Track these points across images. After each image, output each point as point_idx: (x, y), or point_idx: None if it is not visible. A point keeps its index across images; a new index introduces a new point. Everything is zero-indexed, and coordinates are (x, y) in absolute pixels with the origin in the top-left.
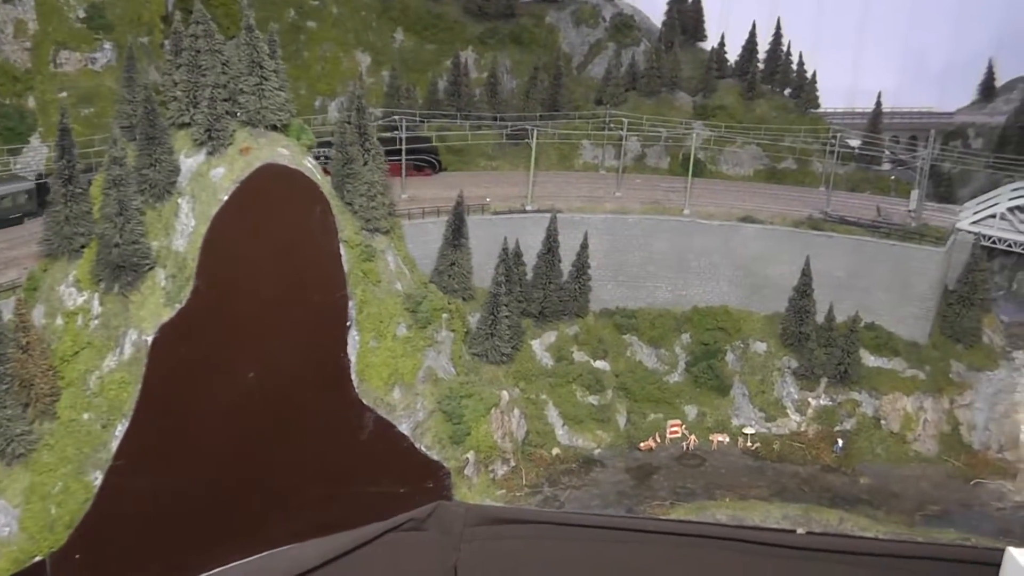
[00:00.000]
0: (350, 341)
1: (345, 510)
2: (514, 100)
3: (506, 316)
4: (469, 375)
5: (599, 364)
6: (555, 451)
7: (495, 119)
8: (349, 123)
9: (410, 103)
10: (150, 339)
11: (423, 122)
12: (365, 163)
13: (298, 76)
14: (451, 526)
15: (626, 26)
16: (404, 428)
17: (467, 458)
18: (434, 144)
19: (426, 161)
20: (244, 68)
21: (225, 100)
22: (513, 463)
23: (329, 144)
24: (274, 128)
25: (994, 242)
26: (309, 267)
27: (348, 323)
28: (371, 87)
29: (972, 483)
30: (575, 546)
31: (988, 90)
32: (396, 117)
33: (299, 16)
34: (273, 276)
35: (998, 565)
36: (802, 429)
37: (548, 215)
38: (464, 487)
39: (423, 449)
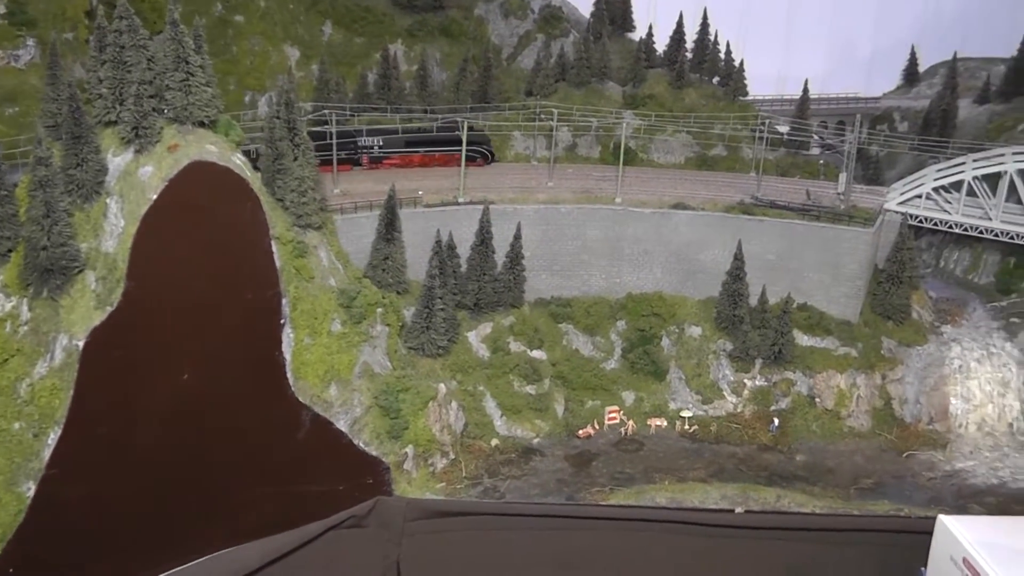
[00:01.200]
0: (284, 339)
1: (285, 510)
2: (444, 92)
3: (441, 309)
4: (405, 369)
5: (535, 354)
6: (494, 442)
7: (425, 112)
8: (278, 118)
9: (340, 97)
10: (81, 344)
11: (353, 116)
12: (295, 158)
13: (227, 71)
14: (392, 521)
15: (554, 17)
16: (342, 425)
17: (406, 452)
18: (486, 134)
19: (479, 152)
20: (170, 64)
21: (151, 97)
22: (452, 455)
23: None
24: (202, 124)
25: (921, 221)
26: (241, 265)
27: (282, 321)
28: (301, 81)
29: (904, 455)
30: (516, 536)
31: (912, 75)
32: (326, 111)
33: (226, 10)
34: (205, 275)
35: (930, 533)
36: (738, 410)
37: (480, 207)
38: (404, 482)
39: (361, 445)
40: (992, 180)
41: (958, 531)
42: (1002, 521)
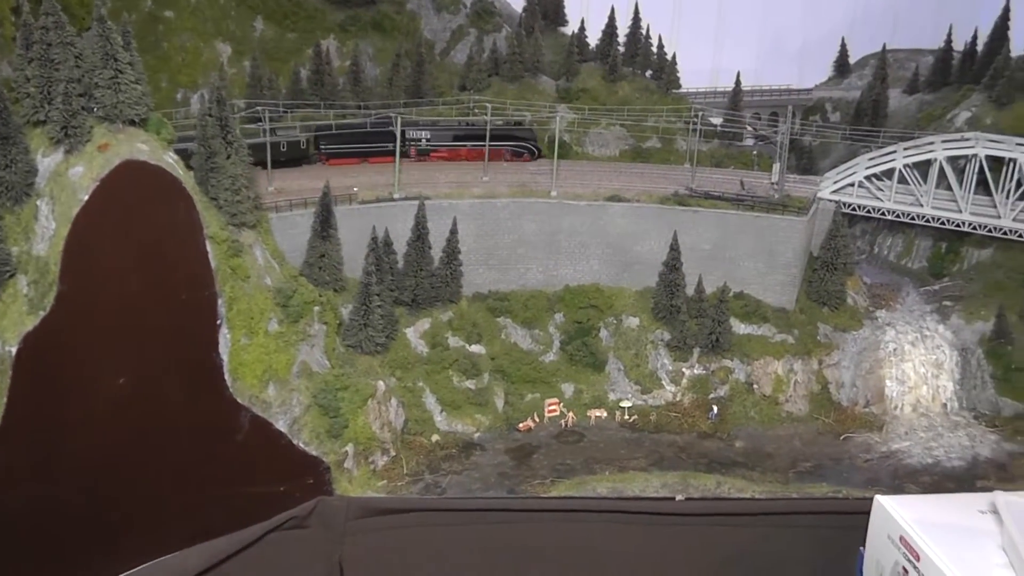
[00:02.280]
0: (221, 340)
1: (226, 513)
2: (378, 88)
3: (378, 306)
4: (344, 367)
5: (474, 348)
6: (434, 438)
7: (359, 107)
8: (210, 116)
9: (273, 93)
10: (14, 350)
11: (287, 112)
12: (228, 156)
13: (158, 68)
14: (333, 521)
15: (487, 12)
16: (281, 425)
17: (346, 451)
18: (532, 130)
19: (525, 148)
20: (98, 61)
21: (80, 95)
22: (393, 453)
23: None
24: (133, 123)
25: (854, 209)
26: (176, 266)
27: (218, 321)
28: (233, 78)
29: (842, 438)
30: (459, 531)
31: (842, 67)
32: (259, 108)
33: (156, 6)
34: (139, 277)
35: (868, 513)
36: (677, 399)
37: (416, 202)
38: (345, 480)
39: (301, 445)
40: (923, 168)
41: (894, 511)
42: (937, 499)
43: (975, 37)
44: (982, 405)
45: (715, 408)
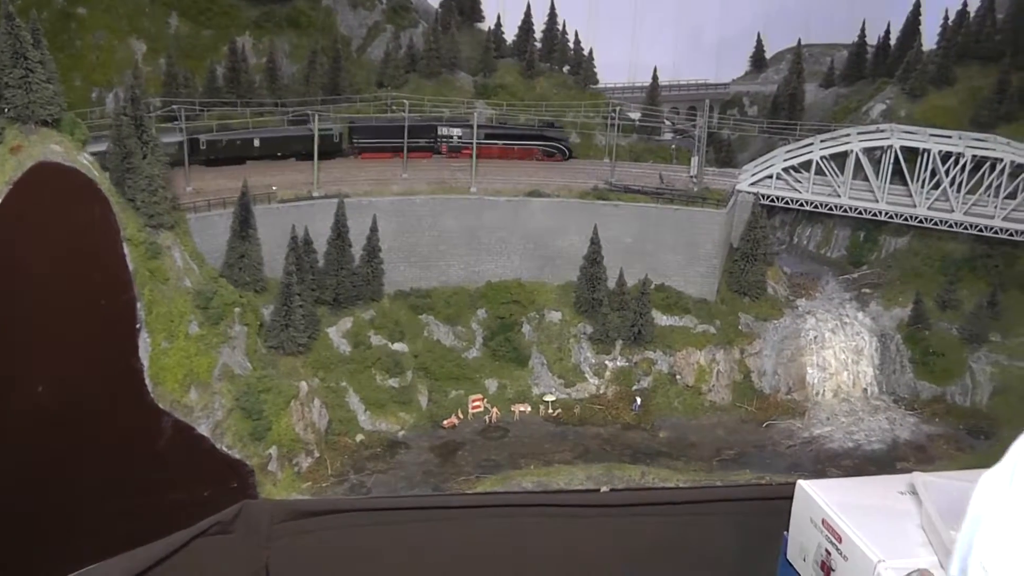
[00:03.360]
0: (141, 344)
1: (150, 520)
2: (294, 85)
3: (300, 305)
4: (266, 369)
5: (397, 346)
6: (359, 437)
7: (276, 105)
8: (126, 115)
9: (189, 91)
10: None
11: (203, 111)
12: (144, 156)
13: (71, 67)
14: (258, 525)
15: (403, 8)
16: (203, 429)
17: (270, 454)
18: (564, 130)
19: (557, 148)
20: (7, 60)
21: None
22: (317, 454)
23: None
24: (45, 124)
25: (773, 201)
26: (93, 270)
27: (137, 326)
28: (149, 76)
29: (764, 425)
30: (384, 530)
31: (759, 61)
32: (175, 107)
33: (68, 3)
34: (56, 282)
35: (791, 498)
36: (601, 391)
37: (336, 200)
38: (269, 484)
39: (224, 449)
40: (840, 159)
41: (816, 494)
42: (857, 482)
43: (888, 32)
44: (901, 389)
45: (638, 399)
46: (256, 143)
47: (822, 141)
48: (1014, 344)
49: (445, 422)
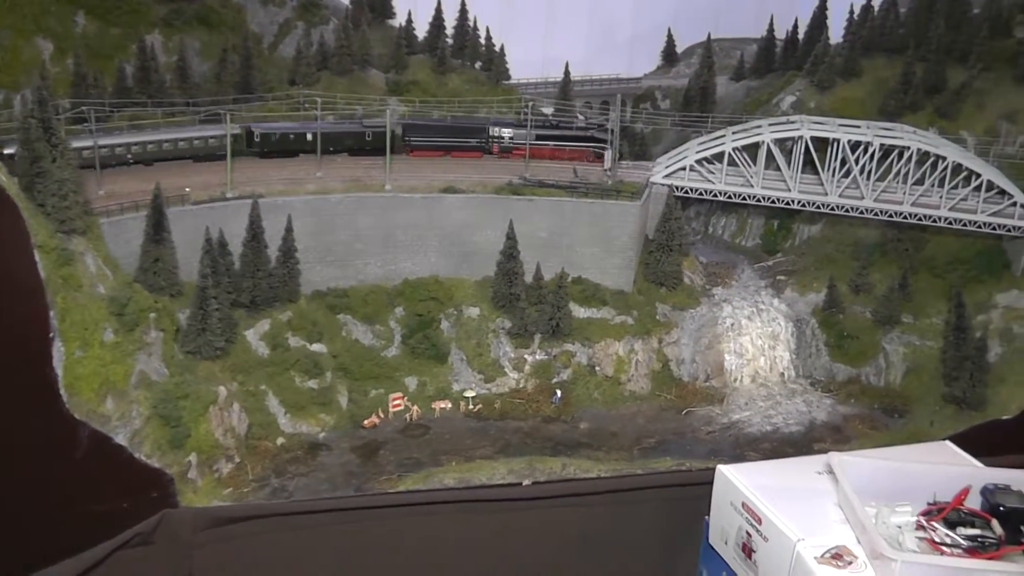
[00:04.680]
0: (55, 354)
1: (69, 534)
2: (206, 84)
3: (216, 309)
4: (184, 374)
5: (315, 347)
6: (279, 441)
7: (187, 104)
8: (33, 118)
9: (99, 92)
10: None
11: (113, 112)
12: (54, 160)
13: None
14: (179, 534)
15: (314, 4)
16: (121, 439)
17: (189, 461)
18: (614, 131)
19: (604, 149)
20: None
21: None
22: (238, 459)
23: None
24: None
25: (687, 192)
26: (1, 278)
27: (51, 334)
28: (57, 77)
29: (684, 413)
30: (308, 534)
31: (670, 56)
32: (84, 108)
33: None
34: None
35: (711, 483)
36: (521, 386)
37: (250, 201)
38: (189, 491)
39: (143, 458)
40: (752, 150)
41: (736, 479)
42: (776, 464)
43: (795, 26)
44: (817, 372)
45: (558, 392)
46: (309, 137)
47: (734, 133)
48: (925, 325)
49: (366, 422)
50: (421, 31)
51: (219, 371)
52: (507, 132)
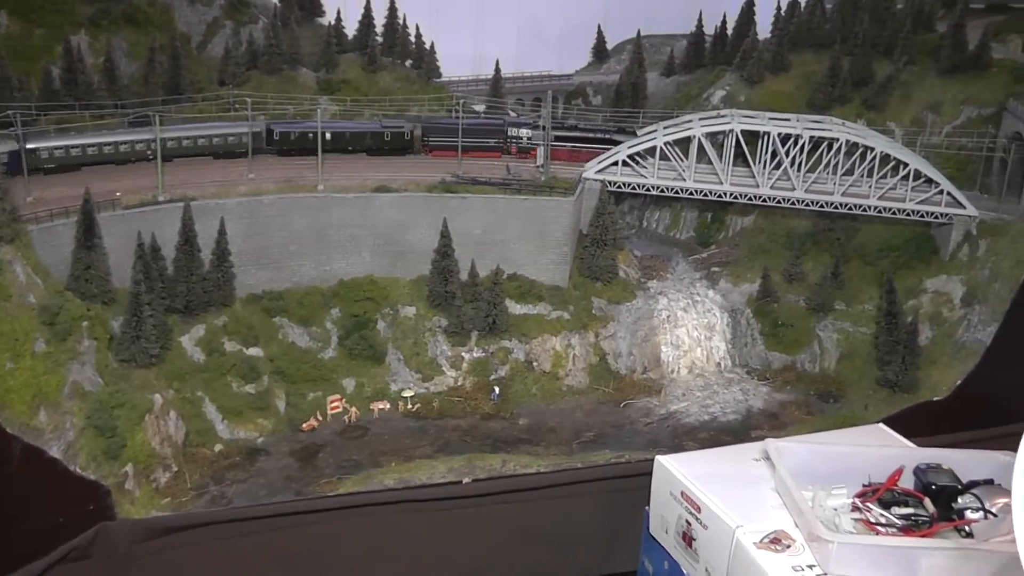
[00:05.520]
0: None
1: (2, 551)
2: (134, 85)
3: (150, 315)
4: (118, 383)
5: (252, 351)
6: (217, 447)
7: (116, 106)
8: None
9: (25, 95)
10: None
11: (40, 116)
12: None
13: None
14: (117, 547)
15: (242, 3)
16: (55, 451)
17: (126, 471)
18: (635, 133)
19: None
20: None
21: None
22: (175, 468)
23: None
24: None
25: (620, 187)
26: None
27: None
28: None
29: (622, 405)
30: (247, 540)
31: (601, 52)
32: (10, 112)
33: None
34: None
35: (650, 474)
36: (459, 384)
37: (182, 204)
38: (127, 502)
39: (78, 470)
40: (684, 144)
41: (674, 468)
42: (713, 453)
43: (724, 22)
44: (753, 361)
45: (497, 389)
46: (328, 136)
47: (665, 128)
48: (857, 311)
49: (304, 425)
50: (351, 29)
51: (154, 379)
52: (525, 132)
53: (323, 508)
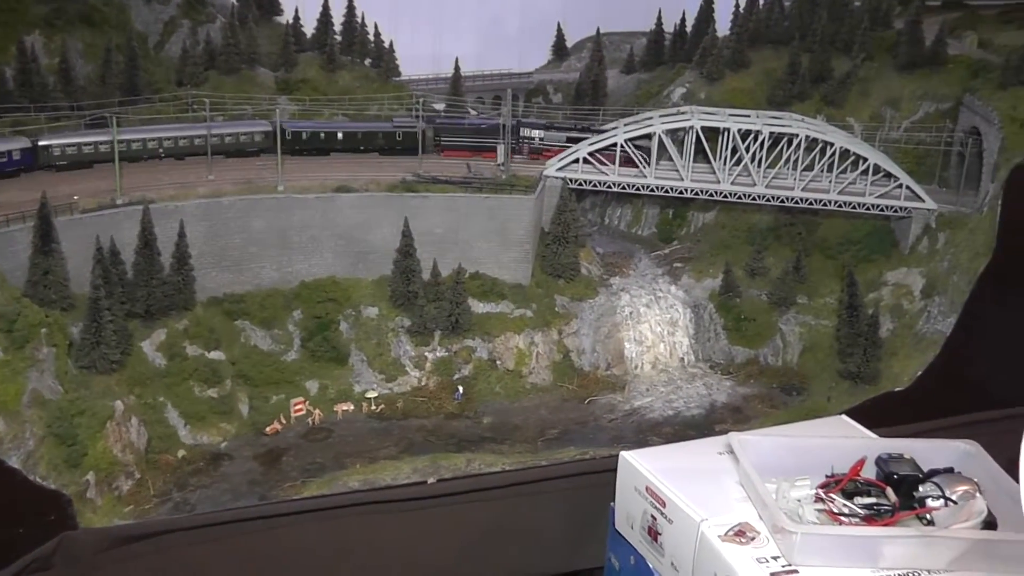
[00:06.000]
0: None
1: None
2: (91, 86)
3: (110, 321)
4: (79, 390)
5: (214, 355)
6: (180, 453)
7: (72, 108)
8: None
9: None
10: None
11: None
12: None
13: None
14: (79, 557)
15: (199, 2)
16: (14, 461)
17: (87, 480)
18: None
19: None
20: None
21: None
22: (138, 475)
23: None
24: None
25: (581, 184)
26: None
27: None
28: None
29: (586, 402)
30: (212, 547)
31: (561, 50)
32: None
33: None
34: None
35: (615, 470)
36: (423, 383)
37: (141, 207)
38: (88, 511)
39: (38, 480)
40: (644, 141)
41: (639, 464)
42: (677, 448)
43: (683, 19)
44: (716, 355)
45: (460, 388)
46: (340, 136)
47: (626, 125)
48: (819, 304)
49: (268, 428)
50: (309, 28)
51: (115, 385)
52: (538, 133)
53: (287, 512)
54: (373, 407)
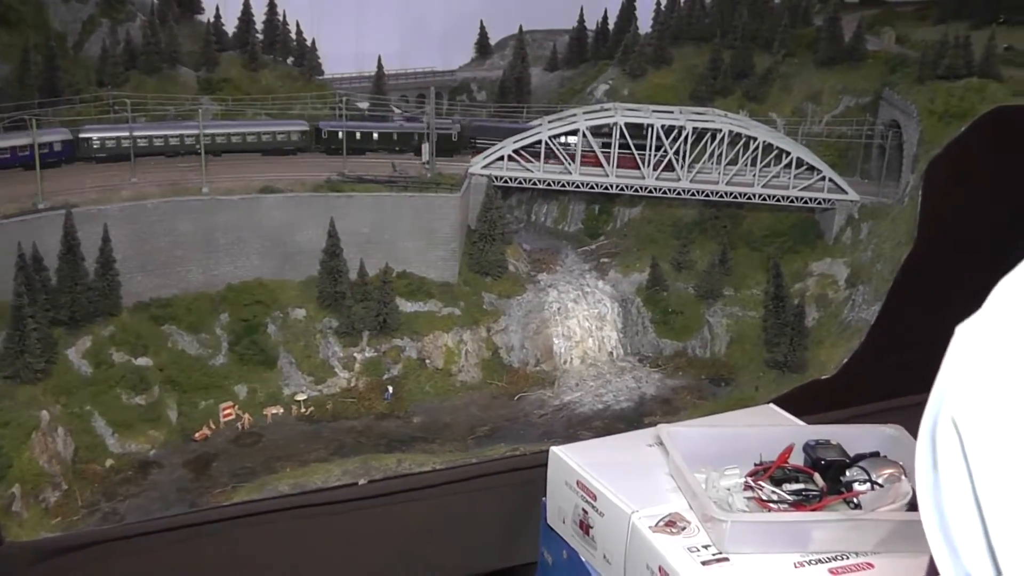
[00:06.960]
0: None
1: None
2: (8, 88)
3: (34, 329)
4: (2, 401)
5: (141, 361)
6: (108, 462)
7: None
8: None
9: None
10: None
11: None
12: None
13: None
14: (8, 572)
15: (118, 0)
16: None
17: (13, 493)
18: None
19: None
20: None
21: None
22: (65, 486)
23: None
24: None
25: (506, 182)
26: None
27: None
28: None
29: (516, 398)
30: (143, 557)
31: (484, 48)
32: None
33: None
34: None
35: (546, 465)
36: (352, 384)
37: (63, 211)
38: (15, 525)
39: None
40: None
41: (569, 458)
42: (607, 441)
43: (605, 17)
44: (645, 348)
45: (390, 388)
46: (375, 136)
47: (550, 122)
48: (745, 296)
49: (197, 434)
50: (231, 26)
51: (41, 394)
52: (572, 139)
53: (218, 519)
54: (303, 410)
